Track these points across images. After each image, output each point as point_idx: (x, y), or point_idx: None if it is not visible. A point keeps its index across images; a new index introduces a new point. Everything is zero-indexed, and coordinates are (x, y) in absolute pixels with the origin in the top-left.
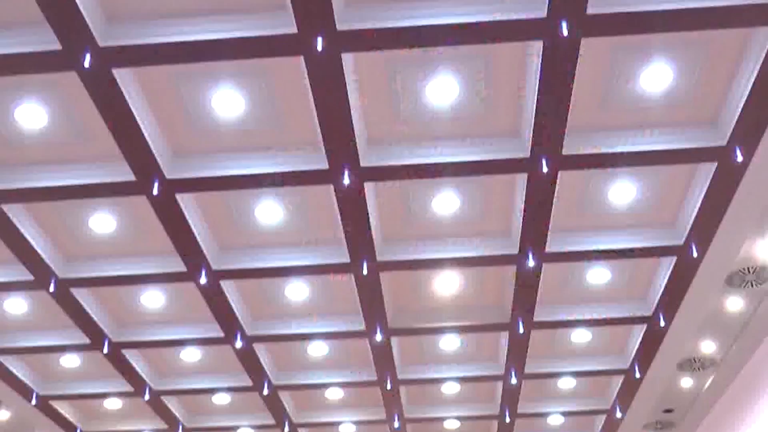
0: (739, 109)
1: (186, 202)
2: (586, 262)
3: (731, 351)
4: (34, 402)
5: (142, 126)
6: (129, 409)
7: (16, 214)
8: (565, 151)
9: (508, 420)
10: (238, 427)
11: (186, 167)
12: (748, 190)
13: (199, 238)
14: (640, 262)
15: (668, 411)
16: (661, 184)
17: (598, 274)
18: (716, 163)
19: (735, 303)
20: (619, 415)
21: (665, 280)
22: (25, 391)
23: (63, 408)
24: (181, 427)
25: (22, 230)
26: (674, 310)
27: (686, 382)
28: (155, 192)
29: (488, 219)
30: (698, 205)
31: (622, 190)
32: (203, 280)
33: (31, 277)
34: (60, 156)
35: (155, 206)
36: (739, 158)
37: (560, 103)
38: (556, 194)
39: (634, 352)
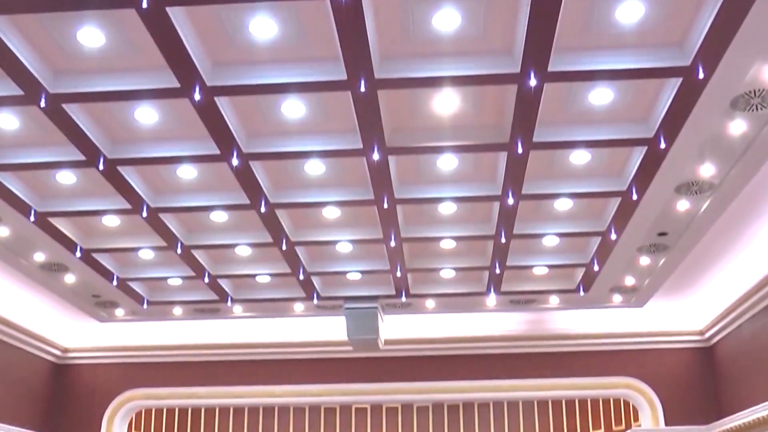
0: None
1: (177, 15)
2: (589, 81)
3: (730, 175)
4: (32, 219)
5: None
6: (127, 227)
7: (0, 26)
8: None
9: (503, 240)
10: (236, 245)
11: None
12: (761, 12)
13: (191, 53)
14: (644, 83)
15: (663, 234)
16: (670, 2)
17: (601, 95)
18: None
19: (738, 126)
20: (613, 237)
21: (669, 102)
22: (22, 207)
23: (62, 225)
24: (179, 244)
25: (7, 43)
26: (676, 132)
27: (683, 205)
28: (144, 5)
29: (490, 37)
30: (708, 25)
31: (630, 9)
32: (197, 96)
33: (20, 92)
34: None
35: (145, 20)
36: None
37: None
38: (560, 11)
39: (633, 174)
